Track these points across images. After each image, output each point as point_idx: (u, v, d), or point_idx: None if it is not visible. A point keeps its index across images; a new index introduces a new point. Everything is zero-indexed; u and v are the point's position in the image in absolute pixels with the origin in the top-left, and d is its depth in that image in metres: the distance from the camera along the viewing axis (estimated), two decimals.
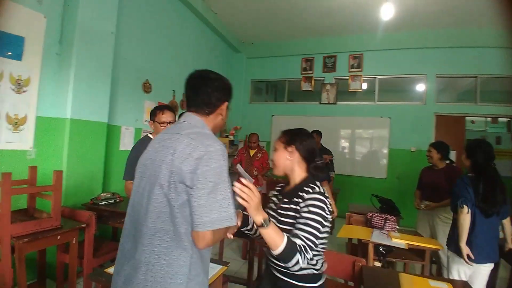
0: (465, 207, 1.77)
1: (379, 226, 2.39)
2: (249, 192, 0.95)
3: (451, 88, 6.09)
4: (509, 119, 5.19)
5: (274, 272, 1.19)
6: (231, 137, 5.81)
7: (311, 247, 1.03)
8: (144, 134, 2.42)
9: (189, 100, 1.02)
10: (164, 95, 4.18)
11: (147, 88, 3.79)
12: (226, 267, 1.50)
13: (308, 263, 1.05)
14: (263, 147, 4.61)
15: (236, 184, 0.94)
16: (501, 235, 1.96)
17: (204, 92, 0.99)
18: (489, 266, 1.85)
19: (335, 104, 5.92)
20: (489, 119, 5.47)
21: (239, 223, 1.15)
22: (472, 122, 5.59)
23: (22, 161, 2.36)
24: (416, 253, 2.20)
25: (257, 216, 0.98)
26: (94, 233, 2.30)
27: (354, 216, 2.90)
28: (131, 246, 0.91)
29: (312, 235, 1.04)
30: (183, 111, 4.86)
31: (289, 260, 0.99)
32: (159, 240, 0.86)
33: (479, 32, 4.93)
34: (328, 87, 5.96)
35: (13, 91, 2.22)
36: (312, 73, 6.09)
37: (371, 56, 5.73)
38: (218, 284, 1.51)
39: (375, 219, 2.45)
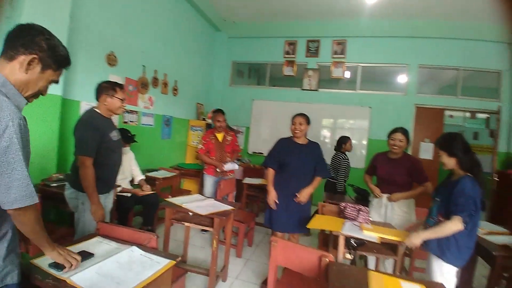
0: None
1: (352, 217, 2.26)
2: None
3: (433, 80, 6.05)
4: (488, 116, 5.20)
5: None
6: (209, 121, 5.49)
7: None
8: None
9: None
10: (132, 70, 3.82)
11: (111, 60, 3.43)
12: (175, 262, 1.29)
13: None
14: (234, 128, 4.33)
15: None
16: None
17: None
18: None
19: (317, 91, 5.74)
20: (468, 114, 5.48)
21: None
22: (451, 116, 5.59)
23: None
24: (390, 246, 2.07)
25: None
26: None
27: (327, 205, 2.78)
28: None
29: None
30: (155, 88, 4.37)
31: None
32: None
33: (468, 25, 4.84)
34: (310, 72, 5.76)
35: None
36: (294, 57, 5.85)
37: (355, 43, 5.55)
38: (167, 280, 1.31)
39: (348, 209, 2.30)
